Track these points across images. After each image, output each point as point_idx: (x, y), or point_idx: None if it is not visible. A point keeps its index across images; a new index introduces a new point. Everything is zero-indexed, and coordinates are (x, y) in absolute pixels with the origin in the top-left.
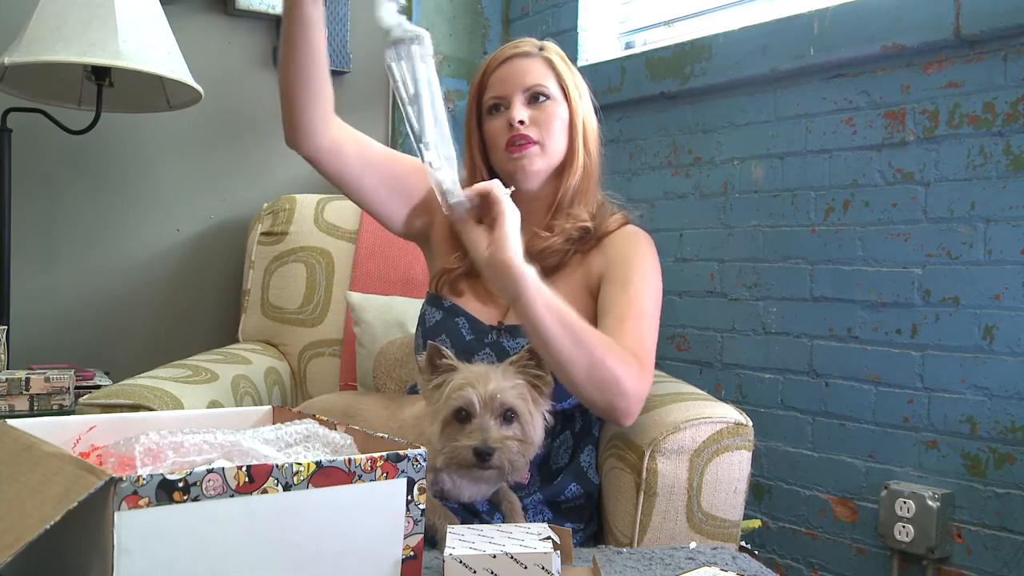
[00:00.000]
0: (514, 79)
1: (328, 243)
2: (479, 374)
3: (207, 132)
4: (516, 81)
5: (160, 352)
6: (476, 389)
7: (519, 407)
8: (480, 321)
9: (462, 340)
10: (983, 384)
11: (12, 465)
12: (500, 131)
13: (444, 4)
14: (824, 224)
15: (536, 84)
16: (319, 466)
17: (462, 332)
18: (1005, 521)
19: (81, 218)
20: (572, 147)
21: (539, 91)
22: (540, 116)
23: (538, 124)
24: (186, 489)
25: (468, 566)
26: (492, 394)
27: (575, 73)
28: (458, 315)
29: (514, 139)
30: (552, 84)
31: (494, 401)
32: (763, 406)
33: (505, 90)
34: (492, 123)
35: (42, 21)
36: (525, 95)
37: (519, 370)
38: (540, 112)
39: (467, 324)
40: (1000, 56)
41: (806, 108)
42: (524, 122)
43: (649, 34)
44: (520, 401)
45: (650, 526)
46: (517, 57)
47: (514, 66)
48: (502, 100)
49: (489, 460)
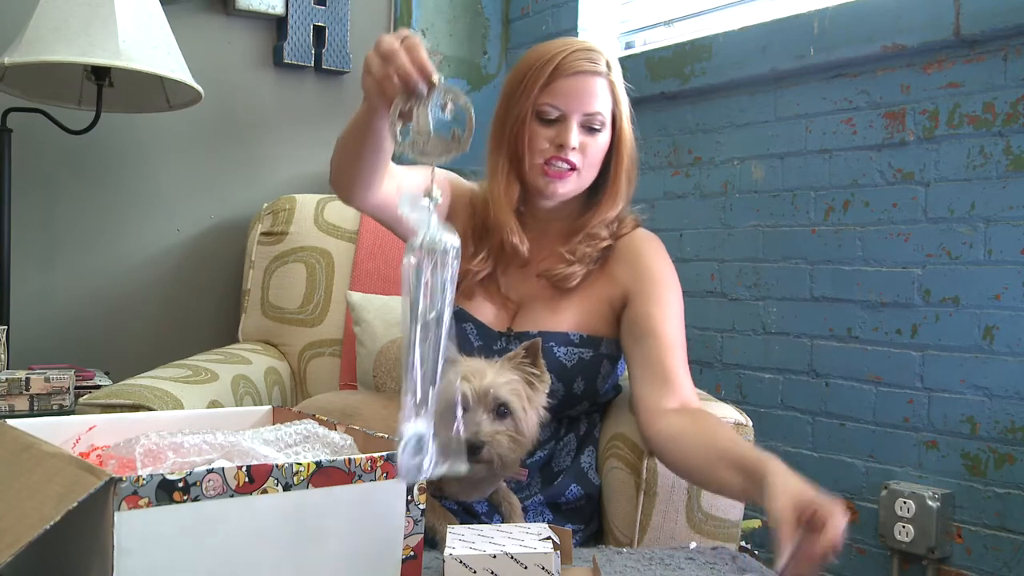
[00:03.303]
0: (580, 98)
1: (328, 243)
2: (474, 369)
3: (207, 132)
4: (582, 102)
5: (160, 352)
6: (470, 383)
7: (512, 402)
8: (489, 327)
9: (470, 346)
10: (983, 384)
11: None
12: (544, 142)
13: (444, 4)
14: (824, 224)
15: (597, 112)
16: (319, 466)
17: (470, 338)
18: (1005, 521)
19: (81, 218)
20: (614, 175)
21: (595, 120)
22: (588, 145)
23: (584, 152)
24: (186, 489)
25: (468, 566)
26: (486, 388)
27: (626, 97)
28: (466, 321)
29: (557, 160)
30: (607, 111)
31: (487, 396)
32: (763, 406)
33: (567, 105)
34: (538, 129)
35: (42, 21)
36: (583, 119)
37: (515, 366)
38: (590, 141)
39: (475, 330)
40: (1000, 56)
41: (806, 108)
42: (575, 148)
43: (649, 34)
44: (514, 396)
45: (650, 526)
46: (588, 74)
47: (584, 83)
48: (559, 113)
49: (479, 453)
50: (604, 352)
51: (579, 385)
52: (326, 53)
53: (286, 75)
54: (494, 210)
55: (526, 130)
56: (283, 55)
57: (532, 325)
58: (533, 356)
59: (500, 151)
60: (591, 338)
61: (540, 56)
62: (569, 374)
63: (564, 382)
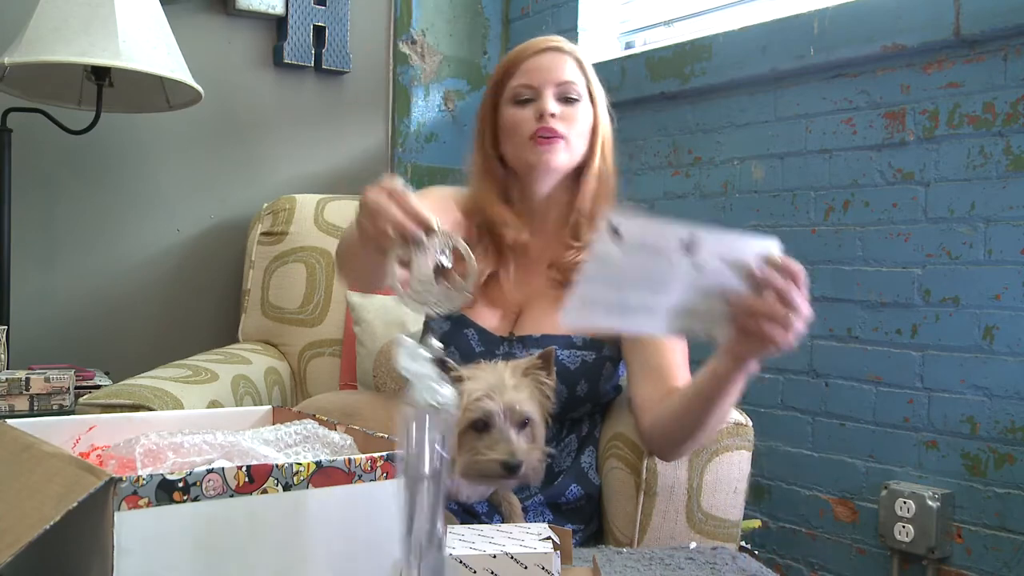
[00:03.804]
0: (548, 72)
1: (328, 243)
2: (493, 384)
3: (207, 132)
4: (550, 74)
5: (160, 352)
6: (495, 401)
7: (535, 415)
8: (490, 332)
9: (472, 352)
10: (983, 384)
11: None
12: (525, 121)
13: (444, 4)
14: (824, 224)
15: (569, 81)
16: (319, 466)
17: (472, 344)
18: (1005, 521)
19: (81, 218)
20: (591, 152)
21: (570, 90)
22: (569, 114)
23: (566, 120)
24: (186, 489)
25: (468, 566)
26: (511, 404)
27: (597, 80)
28: (467, 326)
29: (543, 131)
30: (582, 86)
31: (514, 412)
32: (763, 406)
33: (537, 80)
34: (517, 112)
35: (42, 21)
36: (557, 90)
37: (527, 374)
38: (569, 111)
39: (476, 336)
40: (1000, 56)
41: (806, 108)
42: (555, 115)
43: (649, 34)
44: (535, 409)
45: (650, 526)
46: (551, 51)
47: (548, 59)
48: (532, 91)
49: (517, 472)
50: (606, 354)
51: (583, 387)
52: (326, 53)
53: (286, 75)
54: (483, 206)
55: (505, 117)
56: (283, 55)
57: (534, 329)
58: (547, 365)
59: (481, 148)
60: (593, 341)
61: (509, 53)
62: (573, 377)
63: (567, 385)
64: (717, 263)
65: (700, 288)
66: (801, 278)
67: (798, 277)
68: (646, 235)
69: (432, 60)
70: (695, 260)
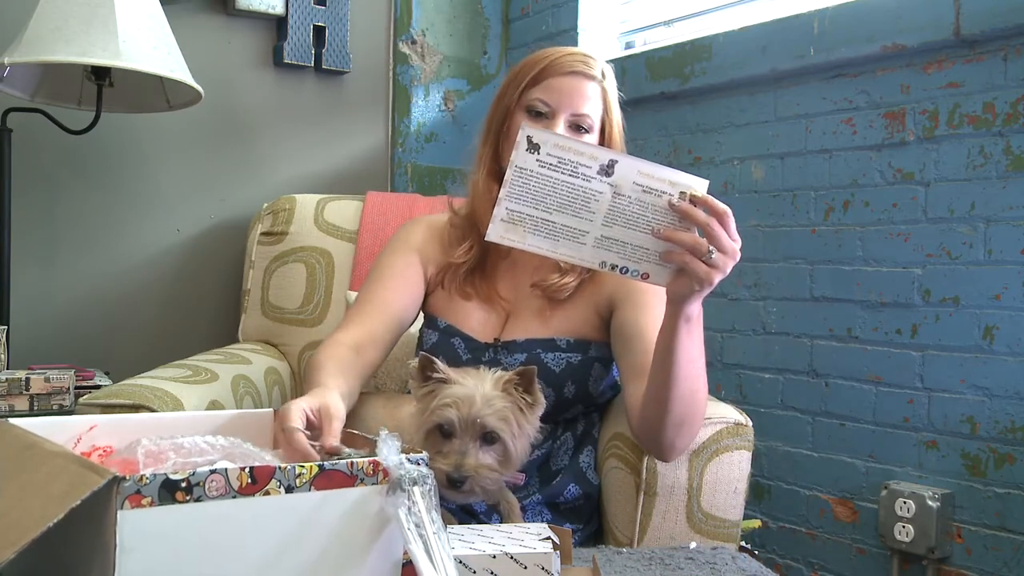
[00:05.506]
0: (570, 97)
1: (328, 243)
2: (464, 396)
3: (207, 132)
4: (572, 100)
5: (160, 352)
6: (458, 410)
7: (501, 430)
8: (476, 340)
9: (459, 360)
10: (983, 384)
11: (14, 463)
12: None
13: (444, 4)
14: (824, 224)
15: (585, 114)
16: (322, 469)
17: (459, 352)
18: (1005, 521)
19: (81, 218)
20: None
21: (583, 121)
22: None
23: None
24: (189, 489)
25: (468, 566)
26: (472, 417)
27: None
28: (454, 336)
29: None
30: (597, 116)
31: (474, 425)
32: (763, 406)
33: (555, 102)
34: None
35: (42, 21)
36: (571, 118)
37: (507, 389)
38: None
39: (463, 344)
40: (1000, 56)
41: (806, 108)
42: None
43: (649, 34)
44: (502, 424)
45: (650, 526)
46: (580, 76)
47: (576, 83)
48: (548, 109)
49: (461, 486)
50: (594, 355)
51: (570, 389)
52: (326, 53)
53: (286, 75)
54: (475, 201)
55: (515, 123)
56: (283, 55)
57: (520, 333)
58: (527, 383)
59: (486, 144)
60: (579, 342)
61: (537, 56)
62: (558, 379)
63: (554, 387)
64: (636, 189)
65: (623, 216)
66: (728, 218)
67: (724, 216)
68: (564, 151)
69: (432, 60)
70: (612, 181)
